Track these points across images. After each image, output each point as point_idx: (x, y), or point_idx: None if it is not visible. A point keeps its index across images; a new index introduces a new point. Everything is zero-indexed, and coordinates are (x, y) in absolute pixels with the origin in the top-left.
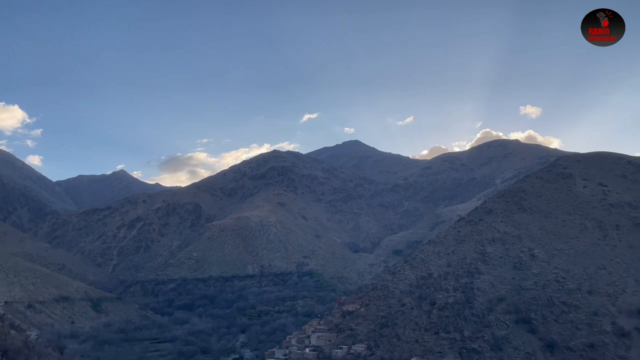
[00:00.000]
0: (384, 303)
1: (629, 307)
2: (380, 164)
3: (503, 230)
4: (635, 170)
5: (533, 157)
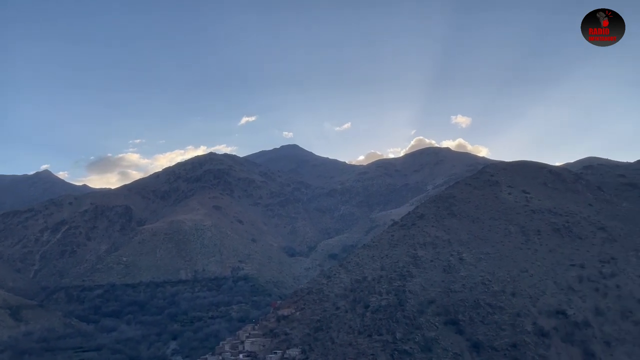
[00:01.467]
0: (319, 307)
1: (549, 308)
2: (318, 168)
3: (434, 234)
4: (555, 178)
5: (463, 165)
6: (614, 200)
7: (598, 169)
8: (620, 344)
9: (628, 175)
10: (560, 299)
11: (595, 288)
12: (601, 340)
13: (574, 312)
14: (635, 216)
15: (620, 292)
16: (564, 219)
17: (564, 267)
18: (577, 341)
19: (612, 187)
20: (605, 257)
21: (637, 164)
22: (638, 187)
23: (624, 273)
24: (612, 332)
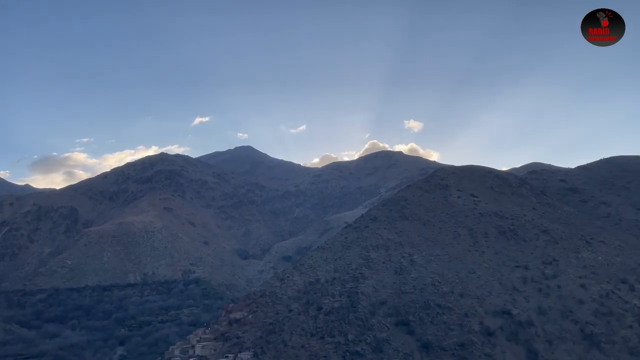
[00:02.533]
0: (272, 309)
1: (494, 308)
2: (273, 170)
3: (386, 236)
4: (501, 183)
5: (414, 169)
6: (556, 204)
7: (541, 174)
8: (561, 342)
9: (569, 181)
10: (505, 299)
11: (538, 288)
12: (543, 338)
13: (518, 311)
14: (575, 220)
15: (562, 292)
16: (509, 222)
17: (509, 269)
18: (521, 340)
19: (554, 191)
20: (548, 259)
21: (577, 169)
22: (578, 192)
23: (565, 274)
24: (554, 330)
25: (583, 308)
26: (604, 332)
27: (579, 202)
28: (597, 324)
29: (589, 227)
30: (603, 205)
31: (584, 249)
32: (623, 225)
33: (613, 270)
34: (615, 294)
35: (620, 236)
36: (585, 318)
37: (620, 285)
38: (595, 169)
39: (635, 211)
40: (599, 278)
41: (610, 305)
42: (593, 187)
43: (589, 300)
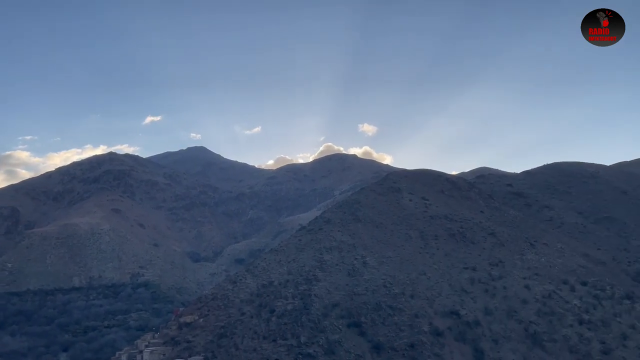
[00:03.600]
0: (224, 313)
1: (443, 309)
2: (226, 171)
3: (340, 239)
4: (451, 187)
5: (368, 172)
6: (503, 208)
7: (489, 178)
8: (506, 342)
9: (515, 185)
10: (454, 300)
11: (485, 289)
12: (490, 338)
13: (466, 312)
14: (520, 223)
15: (507, 293)
16: (458, 225)
17: (458, 270)
18: (468, 340)
19: (501, 195)
20: (494, 261)
21: (522, 174)
22: (523, 196)
23: (510, 275)
24: (500, 330)
25: (527, 308)
26: (546, 331)
27: (524, 206)
28: (539, 324)
29: (533, 230)
30: (546, 209)
31: (528, 251)
32: (564, 229)
33: (555, 272)
34: (557, 294)
35: (561, 239)
36: (528, 318)
37: (562, 285)
38: (539, 174)
39: (576, 215)
40: (541, 279)
41: (552, 305)
42: (537, 192)
43: (532, 300)
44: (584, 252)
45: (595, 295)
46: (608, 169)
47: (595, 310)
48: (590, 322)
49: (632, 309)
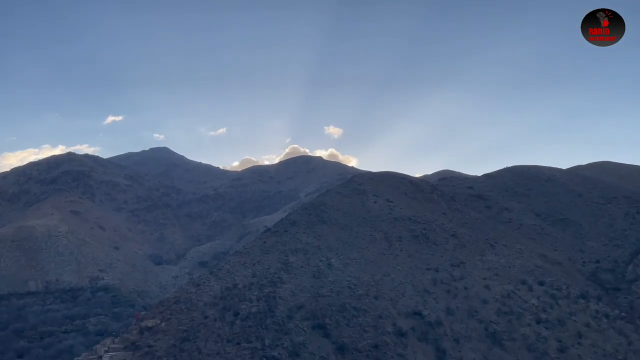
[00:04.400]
0: (187, 316)
1: (407, 310)
2: (190, 173)
3: (305, 240)
4: (415, 189)
5: (334, 174)
6: (464, 210)
7: (451, 180)
8: (467, 341)
9: (476, 188)
10: (417, 300)
11: (447, 290)
12: (451, 338)
13: (428, 312)
14: (481, 224)
15: (468, 293)
16: (421, 226)
17: (421, 271)
18: (430, 339)
19: (463, 197)
20: (456, 262)
21: (483, 177)
22: (483, 198)
23: (471, 276)
24: (461, 330)
25: (487, 308)
26: (506, 330)
27: (484, 208)
28: (499, 323)
29: (493, 232)
30: (505, 211)
31: (488, 252)
32: (523, 230)
33: (514, 272)
34: (515, 294)
35: (520, 240)
36: (489, 317)
37: (520, 285)
38: (499, 177)
39: (534, 217)
40: (501, 279)
41: (511, 304)
42: (497, 194)
43: (492, 300)
44: (541, 253)
45: (552, 294)
46: (564, 173)
47: (552, 310)
48: (547, 321)
49: (587, 308)
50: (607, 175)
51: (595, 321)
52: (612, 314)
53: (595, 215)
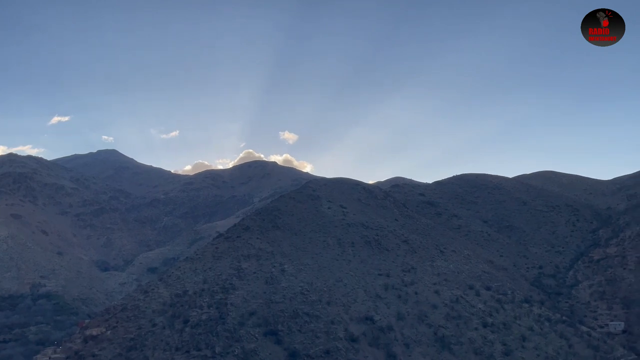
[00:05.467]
0: (134, 324)
1: (359, 315)
2: (140, 176)
3: (258, 246)
4: (368, 195)
5: (288, 179)
6: (415, 216)
7: (403, 187)
8: (417, 345)
9: (427, 195)
10: (369, 306)
11: (398, 295)
12: (402, 342)
13: (380, 317)
14: (431, 231)
15: (418, 298)
16: (374, 232)
17: (373, 277)
18: (381, 344)
19: (414, 204)
20: (407, 267)
21: (434, 184)
22: (434, 205)
23: (422, 281)
24: (411, 334)
25: (436, 312)
26: (454, 334)
27: (435, 215)
28: (448, 327)
29: (443, 238)
30: (455, 218)
31: (438, 258)
32: (471, 236)
33: (462, 277)
34: (463, 299)
35: (468, 246)
36: (438, 322)
37: (468, 291)
38: (449, 184)
39: (482, 223)
40: (450, 284)
41: (459, 309)
42: (447, 201)
43: (441, 305)
44: (488, 259)
45: (498, 299)
46: (510, 181)
47: (498, 314)
48: (493, 325)
49: (530, 312)
50: (550, 184)
51: (538, 325)
52: (554, 318)
53: (538, 223)
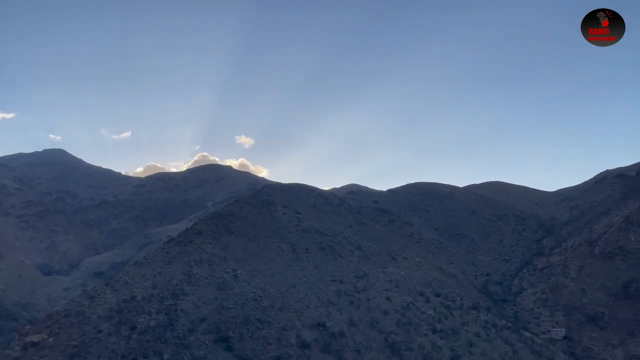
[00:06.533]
0: (78, 331)
1: (311, 321)
2: (89, 177)
3: (210, 251)
4: (323, 201)
5: (243, 184)
6: (369, 223)
7: (358, 194)
8: (368, 351)
9: (380, 202)
10: (321, 312)
11: (351, 301)
12: (353, 348)
13: (332, 324)
14: (384, 237)
15: (370, 305)
16: (328, 239)
17: (326, 283)
18: (333, 351)
19: (368, 211)
20: (360, 273)
21: (387, 192)
22: (387, 212)
23: (374, 287)
24: (362, 340)
25: (387, 319)
26: (404, 340)
27: (388, 222)
28: (398, 333)
29: (395, 245)
30: (407, 225)
31: (390, 265)
32: (422, 244)
33: (413, 284)
34: (414, 305)
35: (420, 253)
36: (389, 328)
37: (419, 297)
38: (402, 192)
39: (433, 231)
40: (401, 291)
41: (409, 315)
42: (400, 209)
43: (392, 311)
44: (438, 266)
45: (447, 305)
46: (461, 190)
47: (447, 320)
48: (442, 331)
49: (478, 319)
50: (498, 194)
51: (484, 331)
52: (500, 324)
53: (486, 232)
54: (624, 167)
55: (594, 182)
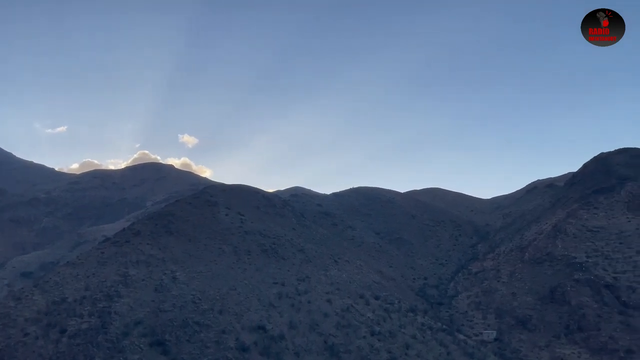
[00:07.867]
0: (3, 334)
1: (251, 324)
2: (19, 172)
3: (149, 252)
4: (267, 203)
5: (185, 183)
6: (312, 226)
7: (302, 197)
8: (307, 354)
9: (324, 205)
10: (262, 315)
11: (292, 304)
12: (292, 351)
13: (272, 326)
14: (326, 240)
15: (311, 307)
16: (271, 241)
17: (268, 285)
18: (272, 354)
19: (312, 214)
20: (302, 276)
21: (331, 196)
22: (331, 215)
23: (315, 290)
24: (302, 343)
25: (327, 321)
26: (343, 342)
27: (331, 225)
28: (337, 336)
29: (338, 248)
30: (350, 229)
31: (332, 267)
32: (364, 247)
33: (353, 287)
34: (354, 308)
35: (361, 256)
36: (328, 330)
37: (359, 300)
38: (345, 196)
39: (374, 235)
40: (341, 294)
41: (349, 318)
42: (343, 212)
43: (332, 314)
44: (378, 269)
45: (386, 308)
46: (401, 196)
47: (385, 323)
48: (380, 334)
49: (414, 321)
50: (436, 201)
51: (421, 333)
52: (435, 327)
53: (425, 236)
54: (554, 178)
55: (526, 191)
